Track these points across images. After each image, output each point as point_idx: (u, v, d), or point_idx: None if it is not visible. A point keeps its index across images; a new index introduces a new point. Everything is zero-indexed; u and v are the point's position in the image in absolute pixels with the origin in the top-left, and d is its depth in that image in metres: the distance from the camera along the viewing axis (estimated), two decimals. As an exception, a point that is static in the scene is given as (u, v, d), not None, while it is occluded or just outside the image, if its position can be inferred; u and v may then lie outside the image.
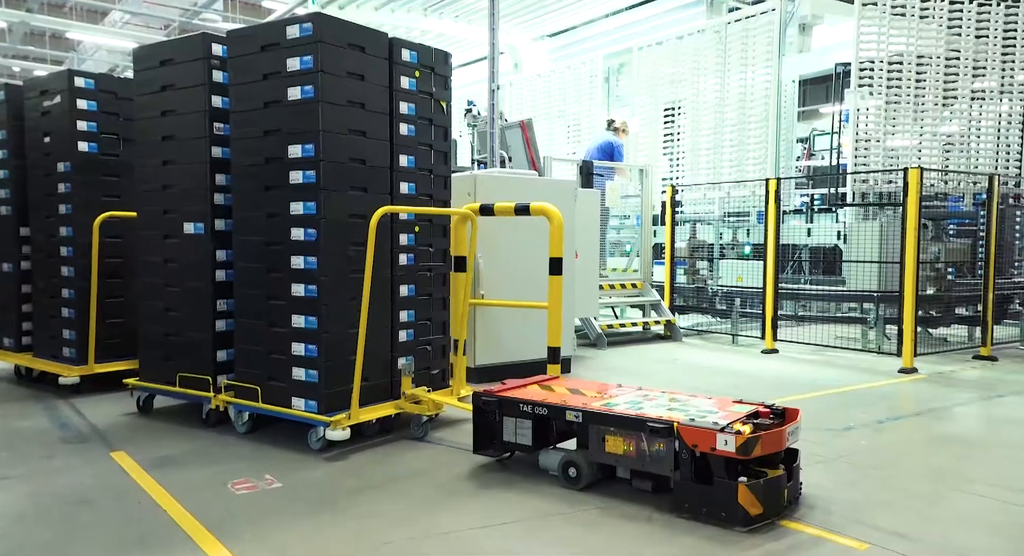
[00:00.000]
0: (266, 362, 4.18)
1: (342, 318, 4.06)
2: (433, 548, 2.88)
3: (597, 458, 3.40)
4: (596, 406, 3.45)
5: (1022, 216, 8.77)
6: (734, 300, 9.00)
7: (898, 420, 4.91)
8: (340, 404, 4.01)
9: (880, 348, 7.81)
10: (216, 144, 4.44)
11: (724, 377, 6.49)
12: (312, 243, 4.00)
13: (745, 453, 2.96)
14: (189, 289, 4.55)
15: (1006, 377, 6.63)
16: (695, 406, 3.44)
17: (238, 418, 4.34)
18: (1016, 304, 8.61)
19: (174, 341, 4.62)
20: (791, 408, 3.35)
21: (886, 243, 8.09)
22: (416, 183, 4.46)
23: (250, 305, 4.26)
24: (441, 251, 4.70)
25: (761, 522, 3.00)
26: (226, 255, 4.50)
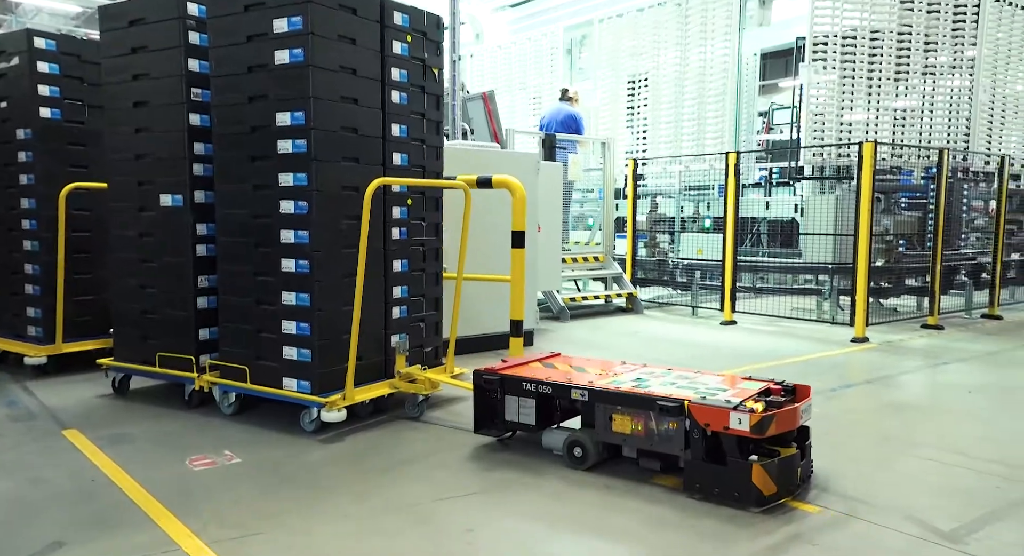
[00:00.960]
0: (254, 341, 4.02)
1: (336, 295, 3.91)
2: (392, 520, 2.86)
3: (604, 437, 3.31)
4: (602, 384, 3.36)
5: (969, 190, 9.03)
6: (694, 273, 9.13)
7: (849, 388, 5.07)
8: (334, 384, 3.88)
9: (834, 319, 8.05)
10: (194, 111, 4.22)
11: (684, 348, 6.60)
12: (303, 216, 3.83)
13: (760, 432, 2.87)
14: (167, 265, 4.34)
15: (951, 345, 6.90)
16: (703, 383, 3.35)
17: (223, 399, 4.17)
18: (962, 275, 8.91)
19: (152, 319, 4.42)
20: (802, 385, 3.28)
21: (841, 216, 8.28)
22: (409, 154, 4.32)
23: (235, 281, 4.08)
24: (434, 225, 4.58)
25: (775, 502, 2.93)
26: (207, 229, 4.29)
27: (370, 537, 2.69)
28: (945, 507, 2.99)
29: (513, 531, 2.79)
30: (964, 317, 8.58)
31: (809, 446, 3.22)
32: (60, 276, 4.93)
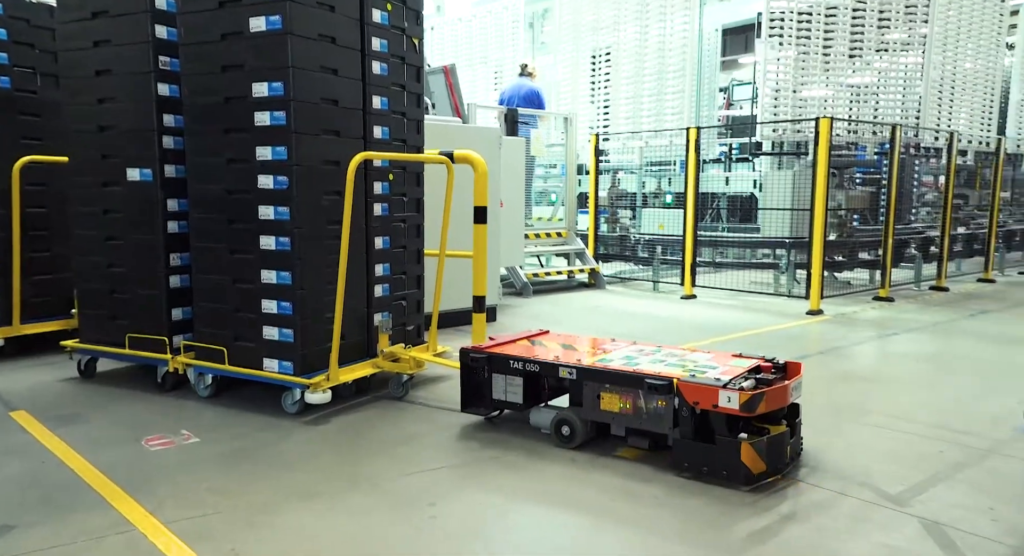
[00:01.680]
0: (232, 321, 3.89)
1: (318, 272, 3.80)
2: (359, 497, 2.84)
3: (592, 416, 3.27)
4: (591, 362, 3.32)
5: (920, 165, 9.27)
6: (655, 248, 9.24)
7: (804, 359, 5.22)
8: (317, 364, 3.79)
9: (790, 292, 8.25)
10: (163, 81, 4.02)
11: (646, 322, 6.70)
12: (283, 192, 3.69)
13: (749, 410, 2.84)
14: (136, 242, 4.15)
15: (900, 316, 7.14)
16: (692, 361, 3.33)
17: (199, 381, 4.04)
18: (912, 249, 9.18)
19: (120, 299, 4.24)
20: (793, 362, 3.25)
21: (798, 191, 8.44)
22: (390, 127, 4.21)
23: (210, 260, 3.92)
24: (415, 200, 4.48)
25: (764, 480, 2.92)
26: (178, 205, 4.12)
27: (335, 514, 2.68)
28: (893, 472, 3.10)
29: (480, 505, 2.79)
30: (913, 289, 8.88)
31: (799, 424, 3.21)
32: (16, 255, 4.71)
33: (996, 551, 2.40)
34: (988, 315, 7.26)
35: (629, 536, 2.53)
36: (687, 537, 2.53)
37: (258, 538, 2.49)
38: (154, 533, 2.53)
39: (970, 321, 6.92)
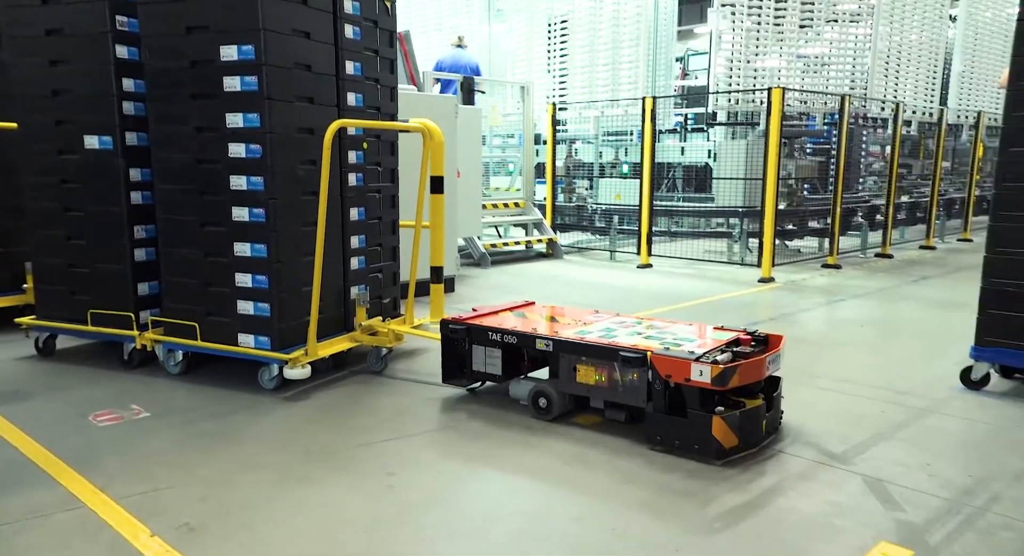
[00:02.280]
0: (203, 295, 3.74)
1: (294, 245, 3.67)
2: (316, 467, 2.82)
3: (568, 388, 3.24)
4: (567, 334, 3.28)
5: (868, 135, 9.49)
6: (612, 218, 9.31)
7: (756, 325, 5.35)
8: (294, 339, 3.69)
9: (743, 260, 8.43)
10: (121, 42, 3.79)
11: (603, 292, 6.78)
12: (257, 161, 3.53)
13: (721, 384, 2.80)
14: (97, 214, 3.94)
15: (847, 282, 7.37)
16: (672, 333, 3.30)
17: (169, 358, 3.89)
18: (859, 217, 9.45)
19: (81, 274, 4.03)
20: (774, 335, 3.24)
21: (751, 161, 8.58)
22: (363, 94, 4.07)
23: (179, 232, 3.75)
24: (389, 170, 4.37)
25: (737, 454, 2.89)
26: (141, 175, 3.93)
27: (291, 485, 2.66)
28: (838, 432, 3.22)
29: (441, 473, 2.81)
30: (860, 256, 9.17)
31: (779, 397, 3.17)
32: (-42, 227, 4.40)
33: (931, 504, 2.53)
34: (929, 281, 7.55)
35: (581, 501, 2.57)
36: (637, 502, 2.57)
37: (213, 512, 2.45)
38: (104, 509, 2.46)
39: (912, 287, 7.19)
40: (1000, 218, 3.71)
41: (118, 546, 2.25)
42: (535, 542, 2.28)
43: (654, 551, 2.23)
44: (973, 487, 2.67)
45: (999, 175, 3.72)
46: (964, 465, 2.87)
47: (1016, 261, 3.64)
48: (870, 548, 2.23)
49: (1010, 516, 2.44)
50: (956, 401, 3.65)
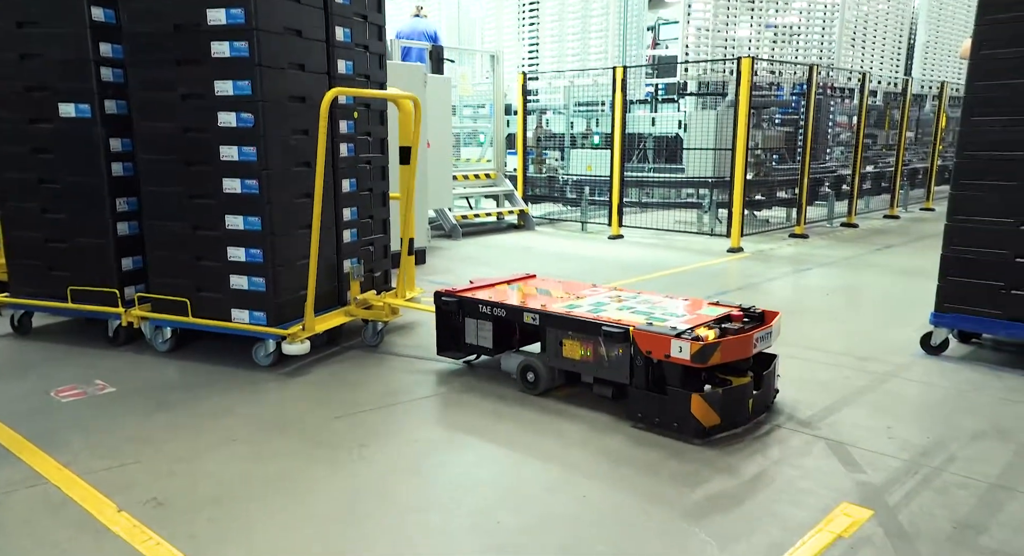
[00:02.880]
0: (194, 270, 3.60)
1: (289, 217, 3.55)
2: (287, 441, 2.81)
3: (555, 363, 3.20)
4: (555, 308, 3.21)
5: (835, 106, 9.57)
6: (583, 189, 9.30)
7: (724, 294, 5.43)
8: (290, 314, 3.60)
9: (713, 230, 8.51)
10: (96, 4, 3.65)
11: (574, 263, 6.80)
12: (249, 130, 3.38)
13: (701, 361, 2.71)
14: (76, 186, 3.80)
15: (814, 252, 7.50)
16: (663, 308, 3.23)
17: (157, 335, 3.78)
18: (826, 187, 9.56)
19: (59, 249, 3.89)
20: (771, 311, 3.15)
21: (721, 132, 8.60)
22: (353, 61, 3.97)
23: (164, 205, 3.61)
24: (379, 140, 4.26)
25: (718, 434, 2.82)
26: (121, 145, 3.79)
27: (262, 459, 2.65)
28: (804, 398, 3.30)
29: (414, 443, 2.83)
30: (826, 226, 9.32)
31: (771, 374, 3.09)
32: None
33: (891, 465, 2.62)
34: (892, 249, 7.71)
35: (555, 471, 2.60)
36: (611, 474, 2.62)
37: (181, 486, 2.44)
38: (69, 485, 2.44)
39: (876, 255, 7.34)
40: (961, 187, 3.79)
41: (84, 522, 2.22)
42: (507, 511, 2.31)
43: (623, 516, 2.27)
44: (931, 448, 2.76)
45: (960, 144, 3.79)
46: (923, 427, 2.97)
47: (975, 229, 3.73)
48: (832, 509, 2.30)
49: (965, 475, 2.54)
50: (916, 366, 3.75)
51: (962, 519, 2.25)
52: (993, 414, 3.11)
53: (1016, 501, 2.37)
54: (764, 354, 3.08)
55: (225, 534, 2.15)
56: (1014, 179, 3.60)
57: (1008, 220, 3.64)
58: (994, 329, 3.76)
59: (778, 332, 3.11)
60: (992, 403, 3.24)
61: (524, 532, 2.18)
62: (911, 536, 2.15)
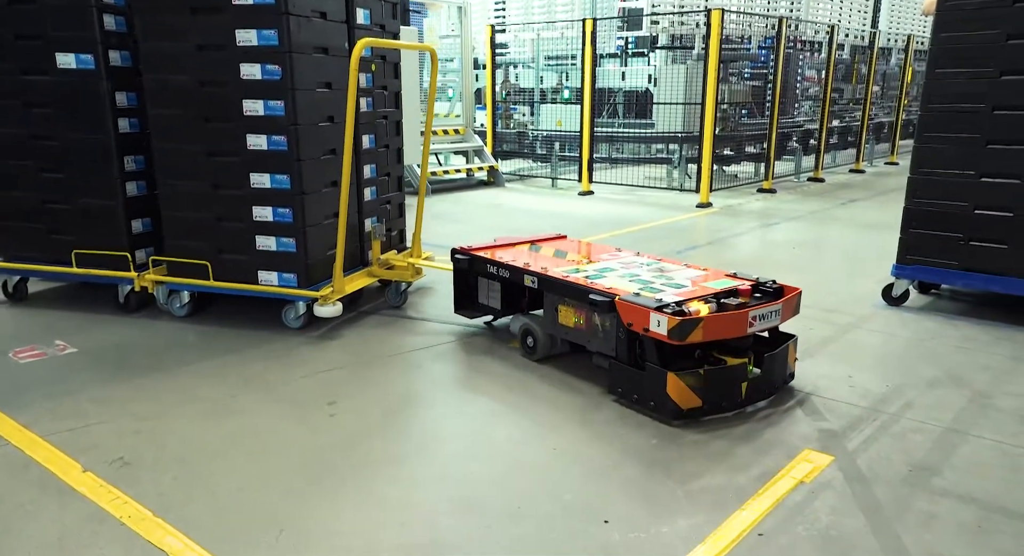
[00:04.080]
0: (215, 231, 3.43)
1: (316, 174, 3.39)
2: (253, 398, 2.80)
3: (550, 329, 3.06)
4: (555, 272, 3.03)
5: (804, 60, 9.55)
6: (553, 144, 9.22)
7: (694, 249, 5.47)
8: (319, 275, 3.46)
9: (682, 186, 8.53)
10: None
11: (544, 219, 6.78)
12: (276, 83, 3.19)
13: (678, 337, 2.48)
14: (78, 143, 3.55)
15: (781, 206, 7.57)
16: (670, 277, 3.01)
17: (174, 300, 3.61)
18: (793, 142, 9.62)
19: (60, 210, 3.65)
20: (790, 286, 2.88)
21: (690, 86, 8.54)
22: (371, 10, 3.78)
23: (180, 163, 3.40)
24: (394, 94, 4.08)
25: (698, 417, 2.62)
26: (127, 99, 3.56)
27: (228, 416, 2.63)
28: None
29: (378, 400, 2.83)
30: (794, 181, 9.40)
31: (779, 357, 2.80)
32: None
33: (851, 413, 2.70)
34: (857, 203, 7.82)
35: (525, 426, 2.62)
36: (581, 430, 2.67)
37: (147, 446, 2.41)
38: (31, 446, 2.40)
39: (841, 209, 7.44)
40: (924, 139, 3.83)
41: (47, 482, 2.19)
42: (477, 460, 2.33)
43: (590, 465, 2.31)
44: (889, 395, 2.84)
45: (925, 97, 3.82)
46: (882, 376, 3.05)
47: (937, 181, 3.78)
48: (795, 455, 2.37)
49: (921, 420, 2.63)
50: (878, 317, 3.84)
51: (917, 462, 2.33)
52: (949, 362, 3.20)
53: (968, 444, 2.45)
54: (782, 333, 2.87)
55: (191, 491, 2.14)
56: (976, 131, 3.65)
57: (969, 172, 3.69)
58: (952, 280, 3.85)
59: (794, 310, 2.85)
60: (948, 352, 3.33)
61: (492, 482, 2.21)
62: (869, 480, 2.23)
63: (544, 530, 1.97)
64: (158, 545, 1.88)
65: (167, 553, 1.85)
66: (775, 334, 2.89)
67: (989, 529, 1.98)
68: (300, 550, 1.87)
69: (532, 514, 2.04)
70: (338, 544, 1.90)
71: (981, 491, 2.17)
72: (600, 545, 1.90)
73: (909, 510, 2.07)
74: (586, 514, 2.04)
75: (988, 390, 2.89)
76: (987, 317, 3.82)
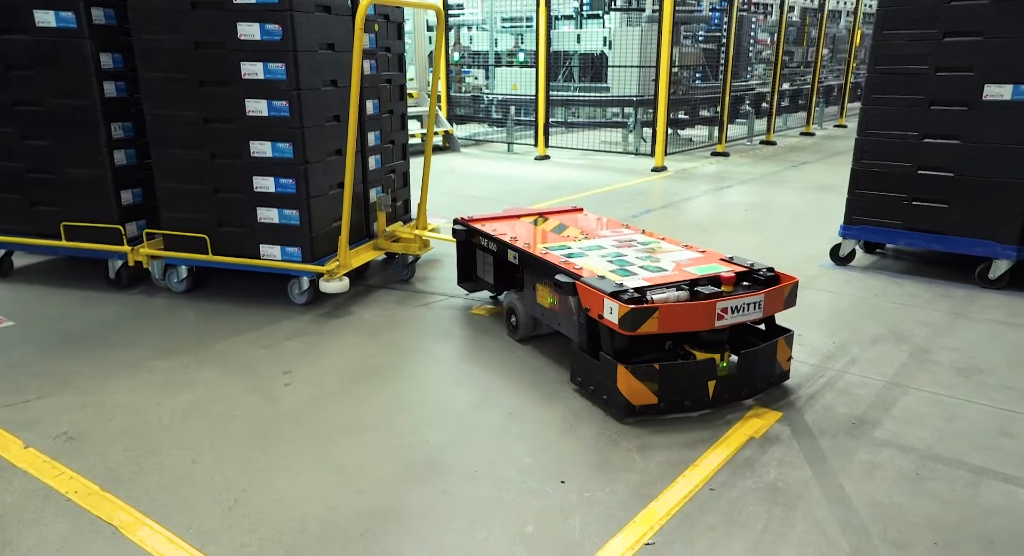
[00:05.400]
0: (212, 203, 3.25)
1: (321, 143, 3.21)
2: (206, 371, 2.77)
3: (530, 308, 2.90)
4: (537, 249, 2.82)
5: (756, 23, 9.59)
6: (509, 109, 9.12)
7: (649, 213, 5.52)
8: (324, 249, 3.29)
9: (638, 150, 8.56)
10: None
11: (499, 184, 6.73)
12: (276, 44, 2.98)
13: (630, 327, 2.24)
14: (60, 108, 3.32)
15: (734, 169, 7.67)
16: (657, 259, 2.73)
17: (171, 275, 3.44)
18: (746, 105, 9.70)
19: (45, 180, 3.43)
20: (787, 276, 2.56)
21: (645, 49, 8.52)
22: None
23: (173, 130, 3.21)
24: (397, 57, 3.86)
25: (651, 415, 2.38)
26: (112, 61, 3.33)
27: (178, 388, 2.59)
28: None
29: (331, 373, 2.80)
30: (746, 144, 9.51)
31: (762, 354, 2.51)
32: None
33: (800, 370, 2.78)
34: (807, 166, 7.96)
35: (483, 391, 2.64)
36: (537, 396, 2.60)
37: (94, 420, 2.35)
38: (-36, 426, 2.31)
39: (792, 172, 7.56)
40: (871, 101, 3.89)
41: (-15, 460, 2.12)
42: (434, 425, 2.33)
43: (547, 427, 2.33)
44: (836, 352, 2.93)
45: (872, 59, 3.87)
46: (829, 333, 3.14)
47: (883, 143, 3.86)
48: (746, 413, 2.42)
49: (865, 375, 2.72)
50: (826, 276, 3.94)
51: (860, 415, 2.42)
52: (891, 319, 3.31)
53: (908, 396, 2.55)
54: (779, 327, 2.61)
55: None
56: (920, 93, 3.72)
57: (913, 133, 3.78)
58: (896, 239, 3.96)
59: (785, 301, 2.52)
60: (891, 309, 3.45)
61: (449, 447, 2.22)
62: (815, 433, 2.30)
63: (501, 492, 1.99)
64: (107, 520, 1.85)
65: (116, 528, 1.82)
66: (772, 328, 2.61)
67: (925, 476, 2.07)
68: (255, 520, 1.85)
69: (489, 477, 2.06)
70: (294, 513, 1.89)
71: (919, 440, 2.26)
72: (557, 505, 1.92)
73: (852, 461, 2.15)
74: (543, 476, 2.07)
75: (927, 345, 3.01)
76: (928, 275, 3.95)
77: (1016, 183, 3.53)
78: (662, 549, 1.76)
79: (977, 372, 2.75)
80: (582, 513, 1.90)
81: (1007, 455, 2.18)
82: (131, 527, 1.82)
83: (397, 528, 1.83)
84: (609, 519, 1.87)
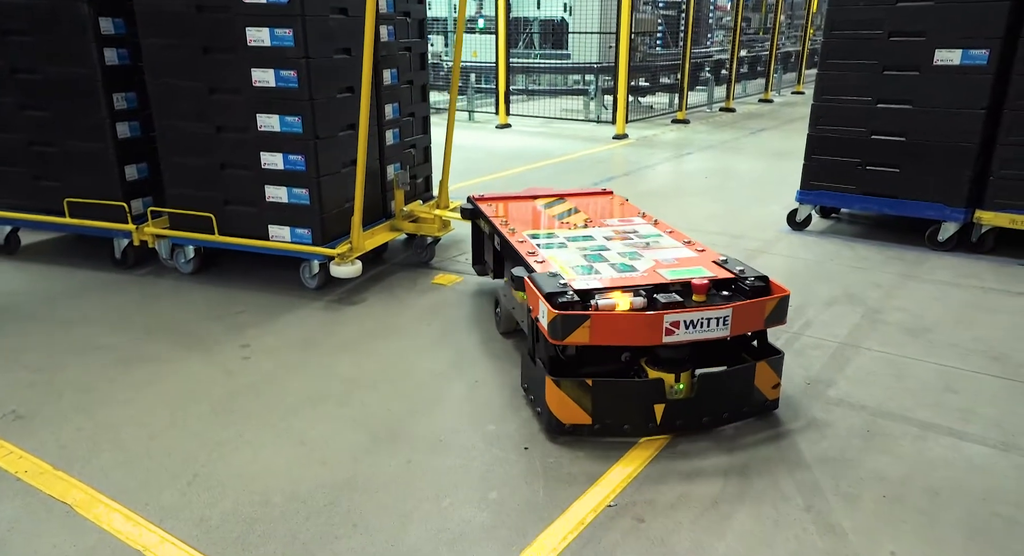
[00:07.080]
0: (220, 180, 3.07)
1: (332, 117, 3.02)
2: (161, 346, 2.70)
3: (504, 302, 2.71)
4: (514, 236, 2.61)
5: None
6: (469, 76, 8.99)
7: (610, 180, 5.52)
8: (335, 230, 3.10)
9: (599, 118, 8.54)
10: None
11: (461, 153, 6.66)
12: (282, 8, 2.77)
13: (558, 335, 1.96)
14: (58, 77, 3.13)
15: (694, 137, 7.71)
16: (640, 256, 2.42)
17: (178, 255, 3.29)
18: (706, 72, 9.73)
19: (47, 153, 3.25)
20: (780, 286, 2.17)
21: (605, 15, 8.44)
22: None
23: (178, 101, 3.02)
24: (417, 22, 3.62)
25: (583, 435, 2.09)
26: (113, 25, 3.12)
27: (133, 364, 2.53)
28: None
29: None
30: (706, 111, 9.55)
31: (726, 377, 2.14)
32: None
33: (756, 332, 2.82)
34: (765, 132, 8.04)
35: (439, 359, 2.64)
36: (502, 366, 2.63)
37: (43, 397, 2.29)
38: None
39: (751, 138, 7.64)
40: (827, 67, 3.93)
41: (-74, 446, 2.04)
42: (401, 400, 2.33)
43: (512, 395, 2.34)
44: (792, 315, 3.00)
45: (828, 24, 3.90)
46: (785, 296, 3.20)
47: (838, 108, 3.91)
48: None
49: (819, 336, 2.79)
50: (782, 241, 4.01)
51: (814, 376, 2.48)
52: (845, 281, 3.39)
53: (861, 357, 2.63)
54: (769, 347, 2.22)
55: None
56: (873, 58, 3.77)
57: (866, 99, 3.83)
58: (850, 203, 4.04)
59: (768, 318, 2.11)
60: (845, 271, 3.53)
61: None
62: (770, 393, 2.36)
63: (466, 460, 2.00)
64: (60, 499, 1.81)
65: (71, 506, 1.78)
66: (764, 346, 2.25)
67: (875, 432, 2.15)
68: (215, 494, 1.83)
69: (454, 445, 2.07)
70: (255, 486, 1.87)
71: (869, 398, 2.33)
72: (522, 472, 1.94)
73: (806, 420, 2.21)
74: (507, 442, 2.08)
75: (879, 306, 3.09)
76: (881, 238, 4.05)
77: (964, 146, 3.62)
78: (624, 510, 1.80)
79: (925, 331, 2.84)
80: (545, 478, 1.92)
81: (952, 410, 2.27)
82: (86, 505, 1.79)
83: (362, 498, 1.83)
84: (571, 482, 1.90)
